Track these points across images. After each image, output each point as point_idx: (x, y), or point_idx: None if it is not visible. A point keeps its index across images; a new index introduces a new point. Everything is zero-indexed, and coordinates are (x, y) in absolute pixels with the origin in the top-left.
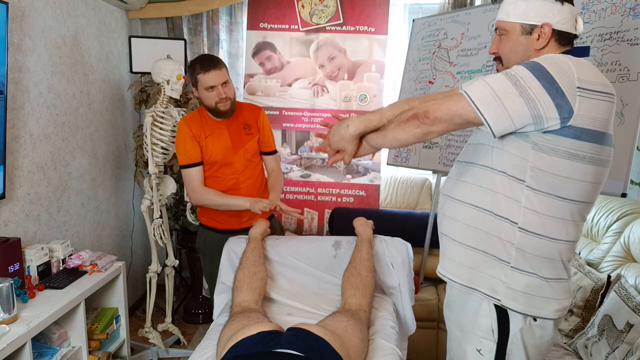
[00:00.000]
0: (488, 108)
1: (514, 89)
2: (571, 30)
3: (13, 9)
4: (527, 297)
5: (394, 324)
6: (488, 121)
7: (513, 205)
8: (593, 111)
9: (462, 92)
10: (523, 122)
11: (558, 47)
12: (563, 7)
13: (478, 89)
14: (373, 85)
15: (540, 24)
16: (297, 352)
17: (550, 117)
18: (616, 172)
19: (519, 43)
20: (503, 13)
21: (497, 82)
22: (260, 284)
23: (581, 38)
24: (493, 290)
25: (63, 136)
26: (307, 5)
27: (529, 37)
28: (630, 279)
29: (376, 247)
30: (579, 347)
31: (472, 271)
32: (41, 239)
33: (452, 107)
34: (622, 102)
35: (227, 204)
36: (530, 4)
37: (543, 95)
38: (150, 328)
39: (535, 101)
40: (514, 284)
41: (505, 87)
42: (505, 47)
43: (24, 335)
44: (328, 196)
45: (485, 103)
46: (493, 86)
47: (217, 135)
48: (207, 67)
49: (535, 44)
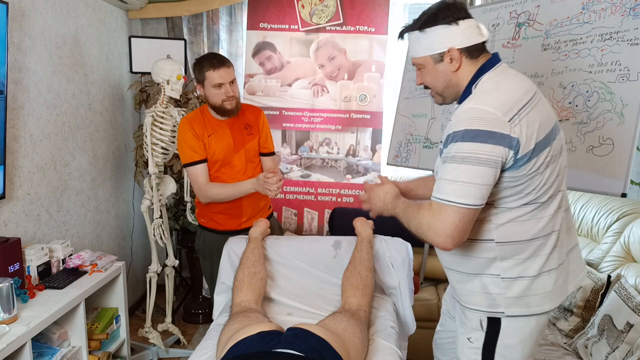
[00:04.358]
0: (469, 195)
1: (473, 167)
2: (478, 40)
3: (13, 9)
4: (526, 300)
5: (394, 324)
6: (480, 203)
7: (485, 226)
8: (531, 127)
9: (442, 202)
10: (495, 177)
11: (471, 62)
12: (460, 27)
13: (459, 190)
14: (373, 85)
15: (446, 50)
16: (297, 352)
17: (507, 158)
18: (616, 172)
19: (437, 71)
20: (412, 51)
21: (465, 173)
22: (260, 284)
23: (581, 38)
24: (491, 304)
25: (63, 136)
26: (307, 5)
27: (443, 64)
28: (630, 279)
29: (376, 247)
30: (579, 347)
31: (456, 290)
32: (41, 239)
33: (457, 223)
34: (622, 102)
35: (234, 192)
36: (430, 36)
37: (494, 149)
38: (150, 328)
39: (491, 159)
40: (511, 292)
41: (471, 172)
42: (427, 78)
43: (24, 335)
44: (328, 196)
45: (466, 195)
46: (460, 179)
47: (220, 134)
48: (216, 64)
49: (450, 67)
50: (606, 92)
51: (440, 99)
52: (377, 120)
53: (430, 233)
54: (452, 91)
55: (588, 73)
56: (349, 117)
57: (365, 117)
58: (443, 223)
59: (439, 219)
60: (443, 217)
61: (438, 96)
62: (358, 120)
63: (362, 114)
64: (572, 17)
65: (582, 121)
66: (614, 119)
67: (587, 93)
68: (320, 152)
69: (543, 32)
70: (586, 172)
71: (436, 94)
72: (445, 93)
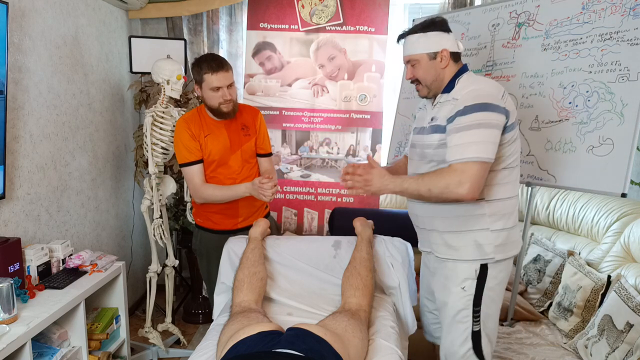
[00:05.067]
0: (487, 151)
1: (486, 130)
2: (459, 50)
3: (13, 9)
4: (505, 246)
5: (394, 324)
6: (492, 158)
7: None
8: (511, 106)
9: (474, 159)
10: (499, 138)
11: (454, 64)
12: (449, 35)
13: (480, 148)
14: (373, 85)
15: (440, 50)
16: (297, 352)
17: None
18: (616, 172)
19: (430, 67)
20: (410, 49)
21: (482, 135)
22: (260, 284)
23: (581, 38)
24: (482, 252)
25: (63, 136)
26: (307, 5)
27: (435, 61)
28: (630, 279)
29: (376, 247)
30: (579, 347)
31: (449, 247)
32: (41, 239)
33: (480, 175)
34: (622, 102)
35: (229, 195)
36: (430, 38)
37: (498, 116)
38: (150, 328)
39: (499, 124)
40: (496, 240)
41: (486, 134)
42: (419, 72)
43: (24, 335)
44: (328, 196)
45: (485, 151)
46: (479, 139)
47: (216, 135)
48: (215, 67)
49: (440, 64)
50: (606, 92)
51: (425, 90)
52: (377, 120)
53: (460, 189)
54: (438, 84)
55: (588, 73)
56: (349, 117)
57: (365, 117)
58: (471, 177)
59: (467, 175)
60: (470, 172)
61: (425, 88)
62: (358, 120)
63: (362, 114)
64: (572, 17)
65: (582, 121)
66: (614, 119)
67: (587, 93)
68: (320, 152)
69: (543, 32)
70: (586, 172)
71: (424, 86)
72: (432, 85)
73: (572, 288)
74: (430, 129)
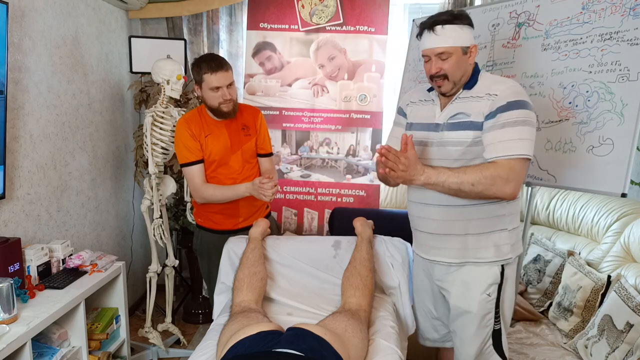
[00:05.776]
0: (531, 149)
1: (530, 128)
2: None
3: (13, 9)
4: (516, 245)
5: (394, 324)
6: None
7: None
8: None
9: (521, 157)
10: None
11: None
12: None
13: (526, 146)
14: (373, 85)
15: (471, 45)
16: (297, 352)
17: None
18: (616, 172)
19: (461, 61)
20: (445, 40)
21: (527, 132)
22: (260, 284)
23: (581, 38)
24: (501, 253)
25: (63, 136)
26: (307, 5)
27: (465, 56)
28: (630, 279)
29: (376, 247)
30: (579, 347)
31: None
32: (41, 239)
33: (524, 173)
34: (622, 102)
35: (229, 195)
36: (465, 31)
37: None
38: (150, 328)
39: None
40: (511, 240)
41: (530, 132)
42: (450, 66)
43: (24, 335)
44: (328, 196)
45: (530, 149)
46: (525, 137)
47: (217, 135)
48: (214, 67)
49: (469, 60)
50: (606, 92)
51: (450, 86)
52: (377, 120)
53: (506, 187)
54: (464, 79)
55: (588, 73)
56: (349, 117)
57: (365, 117)
58: (517, 175)
59: (514, 172)
60: (516, 170)
61: (450, 84)
62: (358, 120)
63: (362, 114)
64: (572, 17)
65: (582, 121)
66: (614, 119)
67: (587, 93)
68: (320, 152)
69: (543, 32)
70: (586, 172)
71: (450, 81)
72: (460, 80)
73: (572, 288)
74: (454, 125)
